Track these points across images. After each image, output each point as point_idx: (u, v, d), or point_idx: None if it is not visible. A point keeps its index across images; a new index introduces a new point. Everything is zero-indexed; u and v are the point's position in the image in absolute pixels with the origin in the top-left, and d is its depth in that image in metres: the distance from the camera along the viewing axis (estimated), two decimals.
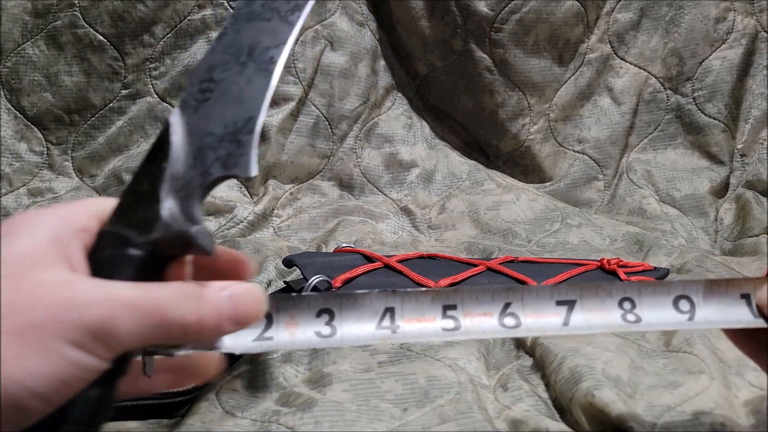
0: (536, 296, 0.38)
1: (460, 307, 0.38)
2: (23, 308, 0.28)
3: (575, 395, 0.50)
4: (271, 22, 0.34)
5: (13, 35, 0.90)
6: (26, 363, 0.27)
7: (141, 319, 0.29)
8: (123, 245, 0.31)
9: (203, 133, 0.32)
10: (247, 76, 0.33)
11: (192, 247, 0.31)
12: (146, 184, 0.32)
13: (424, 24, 0.95)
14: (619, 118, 0.97)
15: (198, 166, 0.32)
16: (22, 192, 0.89)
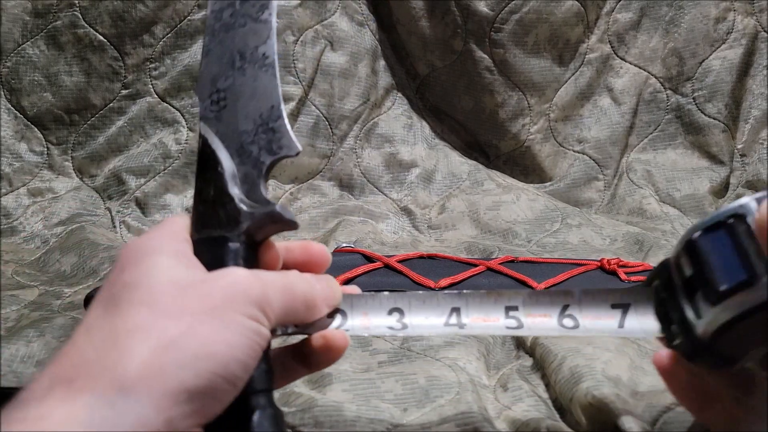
0: (592, 299, 0.40)
1: (521, 308, 0.40)
2: (202, 297, 0.32)
3: (575, 395, 0.50)
4: (246, 26, 0.36)
5: (13, 35, 0.90)
6: (225, 337, 0.31)
7: (283, 293, 0.35)
8: (223, 243, 0.35)
9: (237, 133, 0.35)
10: (251, 76, 0.36)
11: (279, 223, 0.35)
12: (212, 190, 0.35)
13: (424, 24, 0.95)
14: (619, 118, 0.97)
15: (247, 161, 0.35)
16: (22, 192, 0.89)
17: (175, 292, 0.32)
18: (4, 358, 0.54)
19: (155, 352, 0.30)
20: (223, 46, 0.36)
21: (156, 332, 0.30)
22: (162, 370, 0.29)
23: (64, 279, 0.74)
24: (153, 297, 0.32)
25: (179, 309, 0.31)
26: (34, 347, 0.56)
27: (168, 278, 0.33)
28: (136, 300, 0.32)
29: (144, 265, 0.33)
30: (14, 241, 0.84)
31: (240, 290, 0.33)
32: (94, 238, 0.79)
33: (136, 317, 0.31)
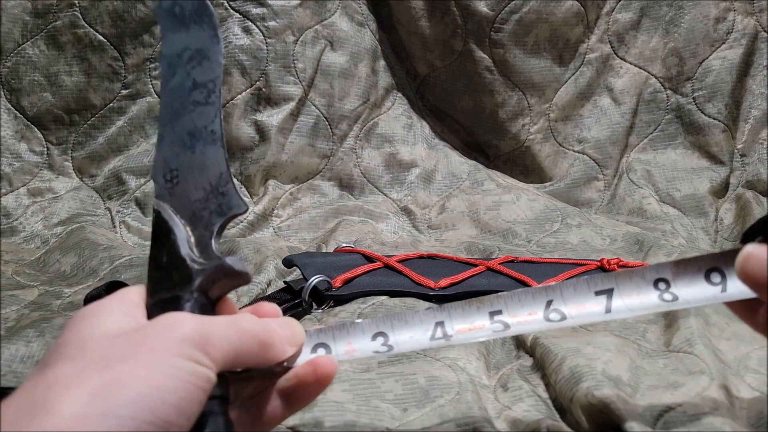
0: (574, 289, 0.40)
1: (505, 311, 0.40)
2: (131, 345, 0.31)
3: (575, 395, 0.50)
4: (196, 110, 0.39)
5: (13, 35, 0.90)
6: (155, 381, 0.30)
7: (230, 332, 0.34)
8: (176, 302, 0.35)
9: (189, 202, 0.38)
10: (200, 151, 0.39)
11: (231, 276, 0.36)
12: (165, 257, 0.36)
13: (424, 24, 0.95)
14: (619, 118, 0.97)
15: (199, 226, 0.37)
16: (22, 192, 0.89)
17: (104, 343, 0.32)
18: (4, 358, 0.54)
19: (76, 404, 0.29)
20: (174, 131, 0.39)
21: (77, 384, 0.29)
22: (83, 423, 0.28)
23: (64, 279, 0.73)
24: (80, 350, 0.31)
25: (105, 358, 0.31)
26: (34, 347, 0.56)
27: (102, 331, 0.32)
28: (64, 355, 0.31)
29: (82, 324, 0.33)
30: (14, 241, 0.84)
31: (175, 331, 0.32)
32: (94, 238, 0.79)
33: (59, 371, 0.30)
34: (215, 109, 0.39)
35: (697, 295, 0.39)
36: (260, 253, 0.76)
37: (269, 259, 0.74)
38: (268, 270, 0.72)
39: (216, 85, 0.39)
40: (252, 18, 0.91)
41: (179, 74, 0.40)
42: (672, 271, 0.40)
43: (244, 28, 0.91)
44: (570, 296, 0.40)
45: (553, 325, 0.39)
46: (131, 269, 0.72)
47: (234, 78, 0.90)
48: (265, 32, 0.91)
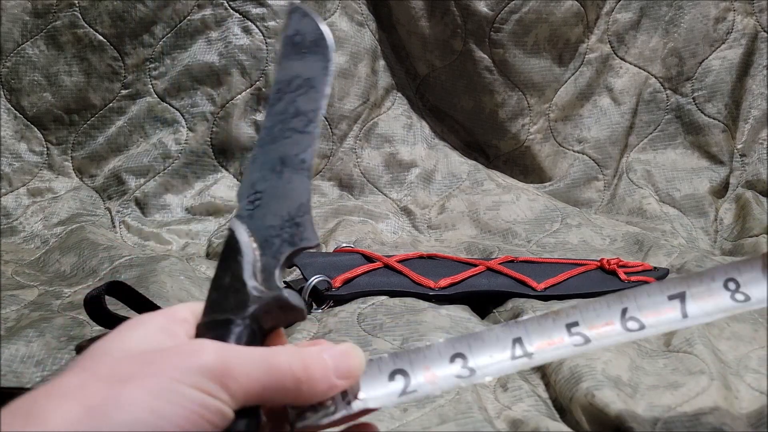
0: (648, 295, 0.39)
1: (582, 323, 0.39)
2: (145, 365, 0.30)
3: (575, 395, 0.50)
4: (292, 137, 0.39)
5: (13, 35, 0.90)
6: (155, 407, 0.29)
7: (255, 364, 0.31)
8: (225, 325, 0.34)
9: (264, 227, 0.38)
10: (286, 179, 0.39)
11: (286, 309, 0.35)
12: (228, 278, 0.36)
13: (424, 24, 0.95)
14: (619, 118, 0.97)
15: (268, 252, 0.37)
16: (22, 192, 0.89)
17: (119, 358, 0.31)
18: (4, 358, 0.54)
19: (68, 418, 0.28)
20: (268, 154, 0.40)
21: (77, 396, 0.29)
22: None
23: (63, 279, 0.73)
24: (94, 362, 0.31)
25: (113, 374, 0.30)
26: (34, 347, 0.56)
27: (125, 346, 0.31)
28: (78, 365, 0.31)
29: (119, 335, 0.32)
30: (14, 241, 0.84)
31: (191, 359, 0.30)
32: (94, 238, 0.79)
33: (64, 380, 0.30)
34: (311, 138, 0.39)
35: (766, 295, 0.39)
36: None
37: None
38: None
39: (316, 115, 0.40)
40: (252, 18, 0.91)
41: (285, 100, 0.40)
42: (740, 270, 0.39)
43: (244, 28, 0.91)
44: (645, 303, 0.39)
45: (633, 335, 0.38)
46: (131, 269, 0.72)
47: (234, 78, 0.90)
48: (265, 32, 0.91)
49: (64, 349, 0.56)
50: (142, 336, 0.32)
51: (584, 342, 0.38)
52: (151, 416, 0.28)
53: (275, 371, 0.32)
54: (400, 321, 0.62)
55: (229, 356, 0.31)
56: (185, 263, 0.75)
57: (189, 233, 0.86)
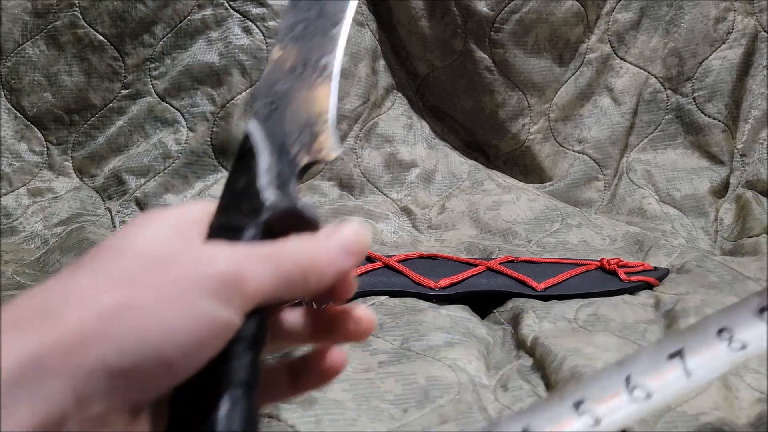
0: (648, 357, 0.38)
1: (588, 399, 0.37)
2: (157, 270, 0.29)
3: None
4: (314, 39, 0.37)
5: (13, 35, 0.90)
6: (166, 315, 0.28)
7: (263, 264, 0.30)
8: (237, 231, 0.33)
9: (281, 132, 0.35)
10: (308, 83, 0.36)
11: (300, 221, 0.33)
12: (242, 182, 0.34)
13: (424, 24, 0.95)
14: (619, 118, 0.97)
15: (285, 159, 0.35)
16: (22, 192, 0.89)
17: (133, 261, 0.29)
18: None
19: (81, 322, 0.27)
20: (289, 53, 0.37)
21: (90, 300, 0.28)
22: (83, 343, 0.27)
23: None
24: (109, 262, 0.29)
25: (125, 278, 0.29)
26: None
27: (140, 245, 0.30)
28: (89, 264, 0.29)
29: (131, 231, 0.31)
30: (14, 241, 0.84)
31: (204, 264, 0.29)
32: (94, 238, 0.79)
33: (77, 281, 0.29)
34: (334, 43, 0.37)
35: (764, 338, 0.38)
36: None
37: None
38: None
39: (342, 18, 0.37)
40: (252, 18, 0.91)
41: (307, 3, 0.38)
42: (730, 317, 0.38)
43: (244, 28, 0.91)
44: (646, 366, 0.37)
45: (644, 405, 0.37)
46: None
47: (234, 78, 0.90)
48: (265, 32, 0.91)
49: None
50: (155, 234, 0.31)
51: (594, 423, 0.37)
52: (162, 325, 0.28)
53: (282, 268, 0.31)
54: (400, 321, 0.62)
55: (240, 260, 0.30)
56: None
57: None
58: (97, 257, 0.30)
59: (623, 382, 0.37)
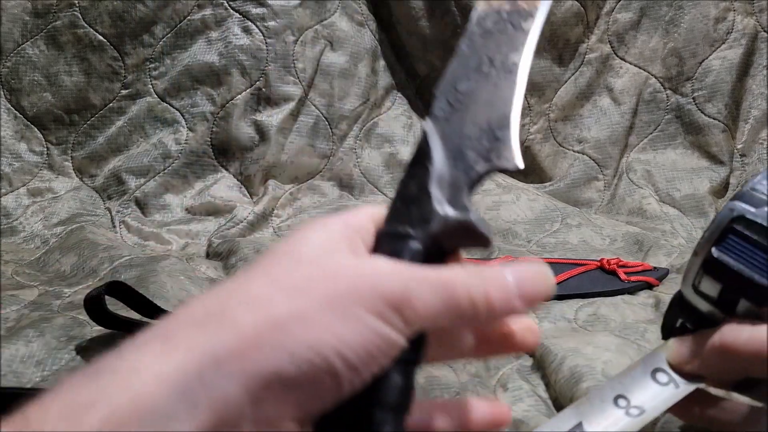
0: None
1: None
2: (327, 281, 0.29)
3: (575, 395, 0.50)
4: (505, 33, 0.35)
5: (13, 35, 0.90)
6: (336, 329, 0.28)
7: (434, 291, 0.30)
8: (403, 240, 0.32)
9: (460, 136, 0.33)
10: (492, 83, 0.34)
11: (471, 236, 0.32)
12: (414, 187, 0.33)
13: (424, 24, 0.95)
14: (619, 118, 0.97)
15: (460, 166, 0.33)
16: (22, 192, 0.88)
17: (303, 270, 0.30)
18: (4, 358, 0.54)
19: (257, 328, 0.28)
20: (476, 50, 0.35)
21: (265, 307, 0.28)
22: (259, 349, 0.27)
23: (64, 279, 0.73)
24: (280, 268, 0.30)
25: (298, 289, 0.29)
26: (34, 347, 0.56)
27: (307, 255, 0.30)
28: (262, 270, 0.30)
29: (301, 236, 0.32)
30: (14, 241, 0.84)
31: (374, 283, 0.29)
32: (94, 238, 0.79)
33: (252, 287, 0.29)
34: (525, 37, 0.35)
35: (658, 400, 0.38)
36: (260, 253, 0.76)
37: None
38: None
39: (536, 12, 0.35)
40: (252, 18, 0.91)
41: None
42: (624, 384, 0.39)
43: (244, 28, 0.91)
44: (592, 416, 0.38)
45: None
46: (131, 269, 0.72)
47: (234, 78, 0.90)
48: (265, 32, 0.91)
49: (64, 349, 0.56)
50: (324, 240, 0.31)
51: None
52: (333, 338, 0.28)
53: (452, 298, 0.30)
54: None
55: (409, 283, 0.29)
56: (185, 263, 0.75)
57: (189, 233, 0.86)
58: (269, 263, 0.31)
59: None
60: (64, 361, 0.55)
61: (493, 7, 0.36)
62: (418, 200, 0.32)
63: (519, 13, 0.35)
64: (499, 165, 0.33)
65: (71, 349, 0.56)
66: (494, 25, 0.35)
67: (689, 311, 0.39)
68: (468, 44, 0.36)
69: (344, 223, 0.32)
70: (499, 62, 0.34)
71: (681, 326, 0.40)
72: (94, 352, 0.56)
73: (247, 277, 0.30)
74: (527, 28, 0.35)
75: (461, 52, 0.36)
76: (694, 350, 0.39)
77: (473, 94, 0.34)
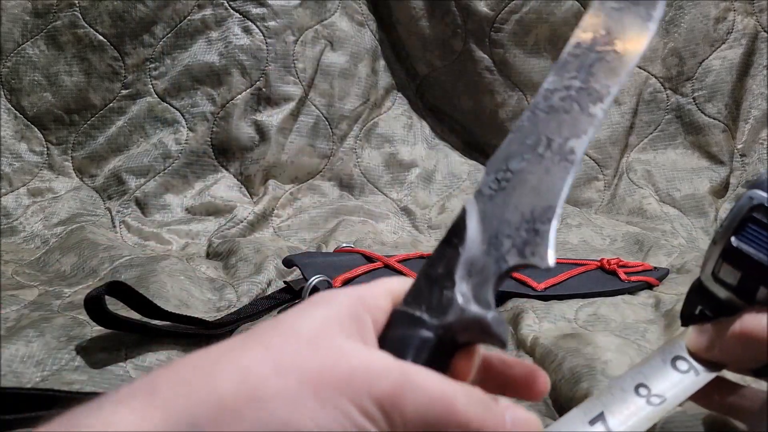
0: (567, 426, 0.37)
1: None
2: (320, 366, 0.29)
3: (575, 395, 0.50)
4: (570, 114, 0.33)
5: (13, 35, 0.90)
6: (318, 418, 0.28)
7: (429, 403, 0.29)
8: (415, 326, 0.31)
9: (499, 220, 0.32)
10: (545, 167, 0.32)
11: (486, 335, 0.31)
12: (442, 268, 0.31)
13: (424, 24, 0.95)
14: (619, 118, 0.97)
15: (492, 253, 0.31)
16: (22, 192, 0.88)
17: (300, 348, 0.29)
18: (4, 358, 0.54)
19: (239, 400, 0.27)
20: (537, 127, 0.33)
21: (252, 380, 0.28)
22: (238, 422, 0.27)
23: (64, 279, 0.73)
24: (277, 342, 0.29)
25: (290, 367, 0.28)
26: (34, 347, 0.56)
27: (308, 332, 0.30)
28: (260, 339, 0.30)
29: (304, 309, 0.31)
30: (14, 241, 0.84)
31: (368, 380, 0.28)
32: (94, 238, 0.79)
33: (245, 355, 0.29)
34: (591, 123, 0.32)
35: (678, 387, 0.38)
36: (260, 253, 0.76)
37: (269, 259, 0.74)
38: (268, 270, 0.72)
39: (608, 95, 0.33)
40: (252, 18, 0.91)
41: (575, 66, 0.33)
42: (643, 373, 0.39)
43: (244, 28, 0.91)
44: (613, 406, 0.37)
45: None
46: (131, 269, 0.72)
47: (234, 78, 0.90)
48: (265, 32, 0.91)
49: (64, 349, 0.56)
50: (330, 318, 0.30)
51: None
52: (312, 425, 0.28)
53: (447, 414, 0.29)
54: None
55: (409, 390, 0.29)
56: (185, 263, 0.75)
57: (189, 233, 0.86)
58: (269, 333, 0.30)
59: None
60: (64, 361, 0.55)
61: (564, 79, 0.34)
62: (441, 284, 0.31)
63: (589, 93, 0.33)
64: (531, 262, 0.31)
65: (71, 349, 0.56)
66: (561, 102, 0.33)
67: (708, 299, 0.39)
68: (530, 119, 0.33)
69: (357, 299, 0.32)
70: (557, 146, 0.32)
71: (700, 314, 0.40)
72: (94, 352, 0.56)
73: (243, 343, 0.29)
74: (594, 113, 0.32)
75: (521, 126, 0.33)
76: (714, 338, 0.39)
77: (523, 175, 0.32)
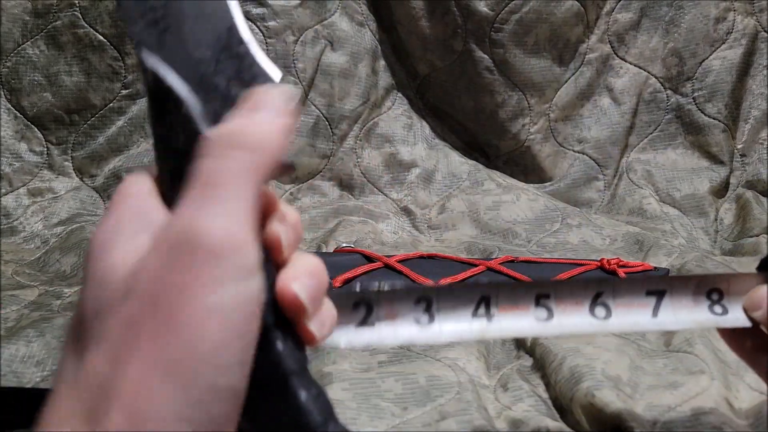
0: (628, 285, 0.37)
1: (553, 296, 0.37)
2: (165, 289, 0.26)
3: (575, 395, 0.50)
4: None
5: (13, 35, 0.90)
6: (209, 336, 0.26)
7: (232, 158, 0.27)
8: None
9: (192, 62, 0.28)
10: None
11: None
12: (182, 137, 0.27)
13: (424, 24, 0.95)
14: (619, 118, 0.97)
15: (215, 97, 0.28)
16: (22, 192, 0.89)
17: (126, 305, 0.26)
18: (4, 358, 0.54)
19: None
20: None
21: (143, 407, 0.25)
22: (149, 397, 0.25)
23: (64, 279, 0.74)
24: (99, 322, 0.26)
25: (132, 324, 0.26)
26: (34, 347, 0.56)
27: (116, 278, 0.26)
28: (96, 339, 0.27)
29: (100, 271, 0.27)
30: (14, 241, 0.84)
31: (205, 247, 0.25)
32: None
33: (128, 374, 0.26)
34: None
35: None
36: None
37: None
38: None
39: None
40: (252, 18, 0.91)
41: None
42: (729, 282, 0.38)
43: None
44: (621, 291, 0.37)
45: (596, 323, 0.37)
46: None
47: None
48: (265, 32, 0.91)
49: None
50: (125, 253, 0.27)
51: (547, 317, 0.37)
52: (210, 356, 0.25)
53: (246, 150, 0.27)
54: None
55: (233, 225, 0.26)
56: None
57: None
58: (88, 326, 0.27)
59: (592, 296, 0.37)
60: None
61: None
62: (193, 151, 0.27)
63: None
64: (258, 83, 0.28)
65: None
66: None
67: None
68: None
69: (130, 219, 0.28)
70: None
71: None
72: None
73: (125, 360, 0.26)
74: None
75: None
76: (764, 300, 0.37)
77: (174, 7, 0.28)
